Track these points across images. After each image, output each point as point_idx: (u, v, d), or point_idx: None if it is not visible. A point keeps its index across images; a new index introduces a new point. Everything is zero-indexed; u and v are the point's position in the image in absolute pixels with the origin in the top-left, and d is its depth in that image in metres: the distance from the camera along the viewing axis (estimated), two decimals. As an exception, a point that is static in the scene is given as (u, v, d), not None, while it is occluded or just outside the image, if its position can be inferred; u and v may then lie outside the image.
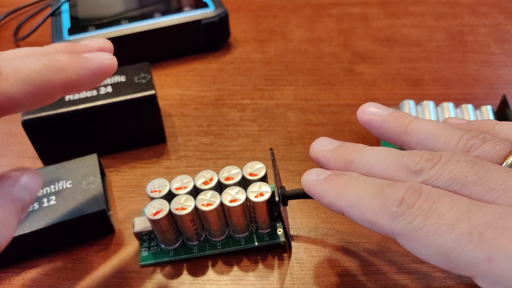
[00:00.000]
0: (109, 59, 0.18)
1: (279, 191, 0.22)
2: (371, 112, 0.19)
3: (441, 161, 0.15)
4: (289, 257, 0.23)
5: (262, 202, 0.21)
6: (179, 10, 0.36)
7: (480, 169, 0.15)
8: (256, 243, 0.23)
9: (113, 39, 0.34)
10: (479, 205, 0.14)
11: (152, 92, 0.27)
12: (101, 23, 0.35)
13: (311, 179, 0.18)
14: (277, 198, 0.21)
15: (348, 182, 0.16)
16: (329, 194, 0.17)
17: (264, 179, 0.22)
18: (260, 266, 0.22)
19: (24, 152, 0.29)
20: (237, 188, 0.21)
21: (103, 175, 0.27)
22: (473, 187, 0.14)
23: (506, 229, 0.13)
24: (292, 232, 0.24)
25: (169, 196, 0.22)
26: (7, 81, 0.14)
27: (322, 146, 0.19)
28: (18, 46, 0.40)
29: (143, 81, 0.28)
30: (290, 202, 0.25)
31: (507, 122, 0.18)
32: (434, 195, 0.14)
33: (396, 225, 0.14)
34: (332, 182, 0.17)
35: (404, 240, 0.14)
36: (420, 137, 0.17)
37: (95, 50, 0.19)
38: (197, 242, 0.23)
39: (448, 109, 0.29)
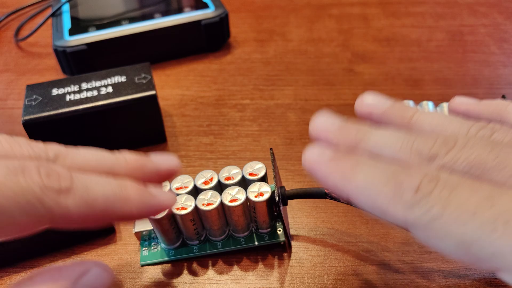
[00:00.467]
0: (172, 200, 0.17)
1: (279, 191, 0.22)
2: (370, 104, 0.18)
3: (457, 146, 0.14)
4: (289, 256, 0.23)
5: (262, 201, 0.21)
6: (179, 10, 0.36)
7: (500, 153, 0.13)
8: (256, 243, 0.23)
9: (113, 40, 0.34)
10: (502, 191, 0.12)
11: (152, 92, 0.27)
12: (101, 24, 0.35)
13: (313, 158, 0.15)
14: (277, 198, 0.21)
15: (357, 165, 0.14)
16: (335, 176, 0.15)
17: (264, 179, 0.22)
18: (260, 265, 0.23)
19: (25, 152, 0.29)
20: (237, 188, 0.21)
21: (103, 175, 0.27)
22: (493, 172, 0.13)
23: None
24: (292, 231, 0.24)
25: (170, 196, 0.22)
26: (73, 198, 0.14)
27: (323, 125, 0.17)
28: (18, 46, 0.40)
29: (144, 81, 0.28)
30: (290, 202, 0.25)
31: None
32: (453, 181, 0.13)
33: (411, 214, 0.13)
34: (338, 164, 0.15)
35: (419, 231, 0.13)
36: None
37: (163, 170, 0.18)
38: (197, 242, 0.23)
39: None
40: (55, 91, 0.27)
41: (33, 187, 0.13)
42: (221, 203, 0.21)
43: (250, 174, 0.22)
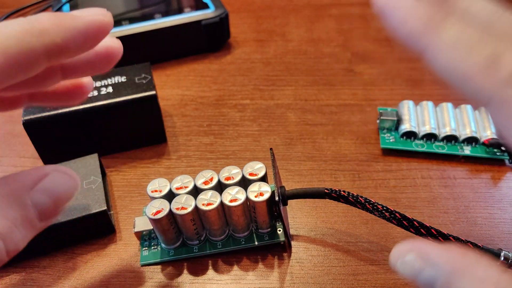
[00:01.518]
0: (102, 15, 0.15)
1: (279, 190, 0.22)
2: None
3: None
4: (289, 256, 0.23)
5: (262, 201, 0.21)
6: (179, 11, 0.37)
7: None
8: (256, 243, 0.23)
9: (113, 40, 0.34)
10: None
11: (152, 92, 0.27)
12: (101, 24, 0.35)
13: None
14: (277, 198, 0.21)
15: (450, 17, 0.12)
16: (417, 22, 0.12)
17: (264, 179, 0.22)
18: (260, 265, 0.23)
19: (25, 152, 0.30)
20: (237, 188, 0.21)
21: (103, 175, 0.27)
22: None
23: None
24: (292, 231, 0.24)
25: (170, 196, 0.22)
26: None
27: None
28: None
29: (144, 81, 0.28)
30: (290, 201, 0.25)
31: None
32: None
33: (503, 93, 0.11)
34: (426, 8, 0.12)
35: (503, 111, 0.11)
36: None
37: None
38: (197, 242, 0.23)
39: (448, 109, 0.29)
40: (55, 91, 0.27)
41: None
42: (221, 203, 0.21)
43: (250, 174, 0.22)
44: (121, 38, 0.34)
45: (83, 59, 0.16)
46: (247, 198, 0.21)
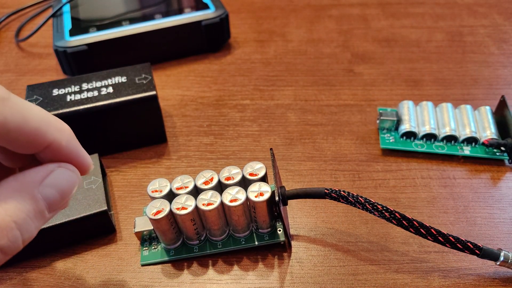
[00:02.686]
0: (90, 161, 0.17)
1: (279, 191, 0.22)
2: None
3: None
4: (289, 256, 0.23)
5: (262, 201, 0.21)
6: (179, 11, 0.37)
7: None
8: (256, 243, 0.23)
9: (114, 40, 0.34)
10: None
11: (153, 92, 0.27)
12: (102, 24, 0.35)
13: None
14: (277, 198, 0.21)
15: None
16: None
17: (264, 179, 0.22)
18: (260, 265, 0.23)
19: (25, 152, 0.30)
20: (237, 188, 0.21)
21: (104, 175, 0.27)
22: None
23: None
24: (292, 231, 0.24)
25: (170, 196, 0.22)
26: (10, 109, 0.14)
27: None
28: (19, 47, 0.40)
29: (144, 81, 0.28)
30: (290, 202, 0.25)
31: None
32: None
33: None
34: None
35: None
36: None
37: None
38: (197, 242, 0.23)
39: (447, 109, 0.29)
40: (55, 92, 0.27)
41: None
42: (221, 203, 0.21)
43: (250, 174, 0.22)
44: (122, 39, 0.35)
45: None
46: (247, 198, 0.21)
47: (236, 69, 0.36)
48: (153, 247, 0.23)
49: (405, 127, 0.28)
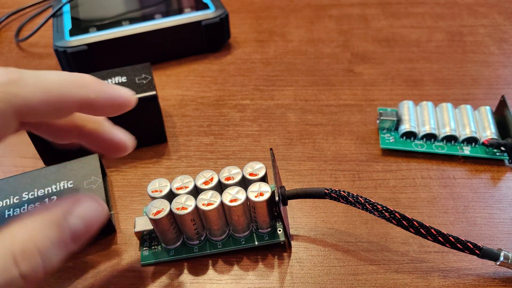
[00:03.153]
0: (130, 94, 0.18)
1: (279, 191, 0.22)
2: None
3: None
4: (289, 256, 0.23)
5: (262, 201, 0.21)
6: (179, 11, 0.37)
7: None
8: (256, 243, 0.23)
9: (114, 40, 0.34)
10: None
11: (153, 92, 0.27)
12: (102, 24, 0.35)
13: None
14: (277, 198, 0.21)
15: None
16: None
17: (264, 179, 0.22)
18: (260, 265, 0.23)
19: (25, 152, 0.30)
20: (237, 188, 0.21)
21: (104, 175, 0.27)
22: None
23: None
24: (292, 231, 0.24)
25: (170, 196, 0.22)
26: (26, 87, 0.15)
27: None
28: (19, 47, 0.40)
29: (144, 81, 0.28)
30: (290, 202, 0.25)
31: None
32: None
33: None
34: None
35: None
36: None
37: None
38: (197, 242, 0.23)
39: (447, 109, 0.29)
40: (55, 92, 0.27)
41: None
42: (221, 203, 0.21)
43: (250, 174, 0.22)
44: (122, 39, 0.35)
45: (100, 141, 0.20)
46: (247, 198, 0.21)
47: (236, 69, 0.36)
48: (153, 247, 0.23)
49: (405, 127, 0.28)
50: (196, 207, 0.21)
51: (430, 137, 0.28)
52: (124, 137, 0.20)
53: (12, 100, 0.14)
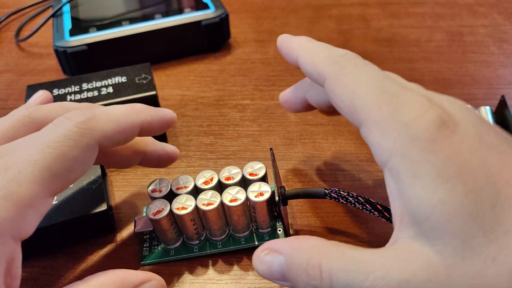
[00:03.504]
0: (172, 113, 0.22)
1: (279, 191, 0.22)
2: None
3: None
4: (289, 256, 0.23)
5: (262, 201, 0.21)
6: (179, 11, 0.37)
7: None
8: (256, 243, 0.23)
9: (114, 40, 0.34)
10: (394, 79, 0.17)
11: (153, 92, 0.27)
12: (102, 24, 0.35)
13: (286, 35, 0.23)
14: (277, 198, 0.21)
15: (311, 39, 0.21)
16: (294, 43, 0.21)
17: (264, 179, 0.22)
18: (260, 265, 0.23)
19: (25, 152, 0.30)
20: (237, 188, 0.21)
21: (104, 175, 0.27)
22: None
23: (401, 93, 0.16)
24: (292, 231, 0.24)
25: (170, 196, 0.22)
26: (100, 121, 0.18)
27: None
28: (19, 47, 0.40)
29: (144, 81, 0.28)
30: (290, 201, 0.25)
31: None
32: (368, 61, 0.18)
33: (331, 67, 0.18)
34: (299, 37, 0.22)
35: (330, 81, 0.18)
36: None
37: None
38: (197, 242, 0.23)
39: (447, 109, 0.29)
40: (56, 92, 0.27)
41: (69, 129, 0.17)
42: (221, 203, 0.21)
43: (250, 174, 0.22)
44: (122, 39, 0.35)
45: (156, 157, 0.23)
46: (247, 198, 0.21)
47: (236, 69, 0.36)
48: (153, 247, 0.23)
49: (405, 127, 0.28)
50: (196, 207, 0.21)
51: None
52: (172, 148, 0.24)
53: (93, 134, 0.17)
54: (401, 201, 0.15)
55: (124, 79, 0.28)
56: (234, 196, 0.21)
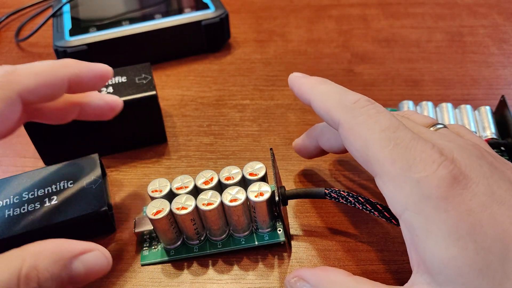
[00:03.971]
0: (107, 66, 0.22)
1: (279, 191, 0.22)
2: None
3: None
4: (289, 256, 0.23)
5: (262, 201, 0.21)
6: (179, 11, 0.37)
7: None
8: (256, 243, 0.23)
9: (114, 40, 0.34)
10: (407, 128, 0.17)
11: (153, 92, 0.27)
12: (102, 24, 0.35)
13: (296, 75, 0.23)
14: (277, 198, 0.21)
15: (323, 80, 0.21)
16: (306, 85, 0.21)
17: (264, 179, 0.22)
18: (260, 265, 0.23)
19: (25, 152, 0.30)
20: (237, 188, 0.21)
21: (104, 175, 0.27)
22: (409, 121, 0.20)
23: (413, 146, 0.16)
24: (292, 231, 0.24)
25: (170, 196, 0.22)
26: (21, 75, 0.18)
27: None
28: (19, 47, 0.40)
29: (144, 81, 0.28)
30: (290, 201, 0.25)
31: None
32: (381, 108, 0.18)
33: (345, 116, 0.18)
34: (311, 78, 0.22)
35: (344, 130, 0.18)
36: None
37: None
38: (197, 242, 0.23)
39: (447, 109, 0.29)
40: (55, 91, 0.27)
41: None
42: (221, 203, 0.21)
43: (250, 174, 0.22)
44: (121, 38, 0.35)
45: (94, 108, 0.23)
46: (247, 198, 0.21)
47: (236, 69, 0.36)
48: (153, 247, 0.23)
49: (405, 127, 0.28)
50: (196, 207, 0.21)
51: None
52: (112, 97, 0.23)
53: (13, 87, 0.17)
54: (416, 251, 0.16)
55: (124, 79, 0.28)
56: (234, 196, 0.21)
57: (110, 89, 0.27)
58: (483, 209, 0.15)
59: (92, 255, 0.17)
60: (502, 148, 0.27)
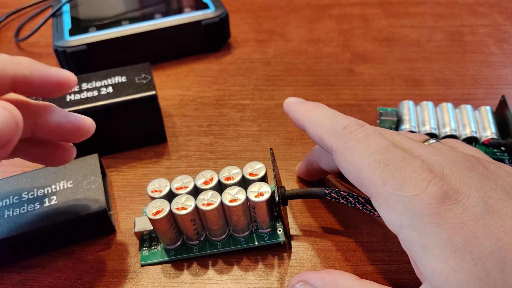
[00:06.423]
0: (67, 73, 0.19)
1: (279, 191, 0.22)
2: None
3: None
4: (289, 256, 0.23)
5: (262, 202, 0.21)
6: (179, 11, 0.37)
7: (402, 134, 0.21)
8: (256, 243, 0.23)
9: (114, 40, 0.34)
10: (396, 148, 0.18)
11: (152, 92, 0.27)
12: (102, 24, 0.35)
13: (291, 101, 0.23)
14: (277, 198, 0.21)
15: (316, 106, 0.22)
16: (300, 111, 0.22)
17: (264, 179, 0.22)
18: (260, 265, 0.23)
19: (25, 152, 0.30)
20: (237, 188, 0.21)
21: (104, 175, 0.27)
22: (400, 139, 0.20)
23: (402, 167, 0.17)
24: (292, 231, 0.24)
25: (170, 196, 0.22)
26: None
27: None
28: (19, 47, 0.40)
29: (144, 81, 0.28)
30: (290, 202, 0.25)
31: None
32: (370, 130, 0.19)
33: (336, 142, 0.19)
34: (305, 104, 0.22)
35: (336, 155, 0.19)
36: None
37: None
38: (197, 242, 0.23)
39: (448, 109, 0.29)
40: (55, 91, 0.27)
41: None
42: (221, 203, 0.21)
43: (250, 174, 0.22)
44: (121, 38, 0.35)
45: (53, 125, 0.19)
46: (247, 198, 0.21)
47: (236, 69, 0.36)
48: (153, 247, 0.23)
49: (405, 127, 0.28)
50: (196, 207, 0.21)
51: (430, 137, 0.28)
52: (81, 117, 0.20)
53: None
54: (418, 266, 0.16)
55: (124, 79, 0.28)
56: (234, 196, 0.21)
57: (110, 89, 0.27)
58: (476, 221, 0.15)
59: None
60: (502, 148, 0.27)
